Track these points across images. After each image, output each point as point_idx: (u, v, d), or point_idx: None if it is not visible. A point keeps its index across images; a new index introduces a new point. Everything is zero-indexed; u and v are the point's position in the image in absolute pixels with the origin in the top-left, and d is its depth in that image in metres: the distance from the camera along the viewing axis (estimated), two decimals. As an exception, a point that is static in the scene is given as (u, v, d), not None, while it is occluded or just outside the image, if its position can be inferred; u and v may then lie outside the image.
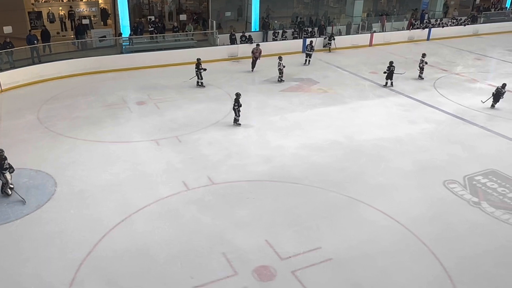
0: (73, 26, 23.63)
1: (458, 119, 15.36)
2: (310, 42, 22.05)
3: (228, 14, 26.31)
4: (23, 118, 14.55)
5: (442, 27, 28.82)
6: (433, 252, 8.67)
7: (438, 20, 29.68)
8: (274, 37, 24.33)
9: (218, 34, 22.98)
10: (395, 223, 9.54)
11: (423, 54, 19.81)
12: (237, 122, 14.30)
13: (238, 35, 23.02)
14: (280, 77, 18.91)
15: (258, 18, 24.89)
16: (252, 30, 24.71)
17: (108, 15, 25.06)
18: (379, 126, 14.61)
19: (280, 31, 24.61)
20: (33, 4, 23.40)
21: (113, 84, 18.26)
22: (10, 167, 10.06)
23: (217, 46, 22.50)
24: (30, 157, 11.81)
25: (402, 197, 10.58)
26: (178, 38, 22.89)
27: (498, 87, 16.26)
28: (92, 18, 24.43)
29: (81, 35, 21.46)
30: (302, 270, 8.09)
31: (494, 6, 33.60)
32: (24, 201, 9.86)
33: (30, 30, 20.27)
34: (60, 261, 8.21)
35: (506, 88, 16.25)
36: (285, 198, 10.41)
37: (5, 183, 10.06)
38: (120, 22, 22.24)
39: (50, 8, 24.03)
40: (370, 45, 26.04)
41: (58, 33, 23.67)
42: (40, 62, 18.98)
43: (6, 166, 9.95)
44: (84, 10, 24.69)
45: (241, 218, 9.59)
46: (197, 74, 17.80)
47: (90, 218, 9.44)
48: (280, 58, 18.81)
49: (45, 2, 24.38)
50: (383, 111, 16.03)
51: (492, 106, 16.25)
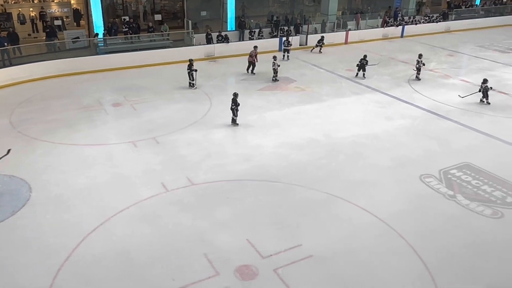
0: (45, 28, 23.12)
1: (433, 115, 15.67)
2: (287, 38, 22.28)
3: (203, 13, 26.18)
4: (-5, 122, 14.19)
5: (415, 25, 29.35)
6: (411, 245, 8.82)
7: (411, 17, 30.21)
8: (250, 36, 24.33)
9: (194, 33, 22.85)
10: (374, 218, 9.67)
11: (420, 55, 19.50)
12: (235, 122, 14.27)
13: (214, 35, 22.93)
14: (274, 76, 18.89)
15: (234, 17, 24.85)
16: (228, 29, 24.66)
17: (81, 16, 24.61)
18: (356, 123, 14.78)
19: (256, 30, 24.63)
20: (2, 5, 22.79)
21: (88, 86, 17.95)
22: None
23: (193, 46, 22.37)
24: (3, 162, 11.48)
25: (381, 192, 10.73)
26: (153, 39, 22.67)
27: (483, 85, 16.38)
28: (64, 19, 23.97)
29: (50, 38, 20.98)
30: (283, 268, 8.12)
31: (464, 3, 34.39)
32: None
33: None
34: (37, 267, 8.03)
35: (487, 83, 16.40)
36: (265, 197, 10.43)
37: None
38: (93, 22, 21.87)
39: (20, 9, 23.42)
40: (346, 43, 26.32)
41: (29, 34, 23.13)
42: (11, 65, 18.50)
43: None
44: (56, 11, 24.17)
45: (221, 218, 9.56)
46: (189, 75, 17.57)
47: (68, 223, 9.26)
48: (274, 57, 18.84)
49: (15, 3, 23.79)
50: (360, 108, 16.22)
51: (488, 103, 16.41)
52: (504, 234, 9.37)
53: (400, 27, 28.54)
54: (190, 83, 17.76)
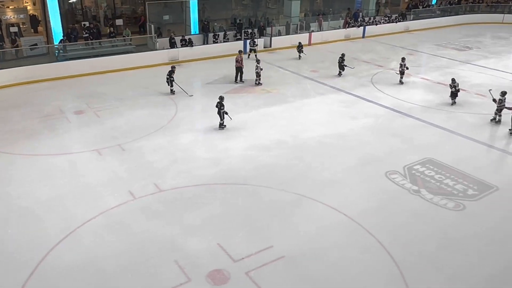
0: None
1: (396, 113, 16.08)
2: (252, 39, 23.01)
3: (166, 17, 25.92)
4: (-51, 134, 13.56)
5: (376, 25, 30.07)
6: (380, 241, 9.01)
7: (372, 18, 30.92)
8: (214, 39, 24.27)
9: (157, 38, 22.58)
10: (343, 217, 9.82)
11: (403, 58, 19.40)
12: (221, 126, 14.19)
13: (178, 39, 22.74)
14: (257, 79, 18.83)
15: (198, 20, 24.73)
16: (192, 33, 24.51)
17: (38, 22, 23.88)
18: (322, 123, 14.98)
19: (220, 33, 24.59)
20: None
21: (48, 94, 17.42)
22: None
23: (157, 50, 22.11)
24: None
25: (348, 190, 10.92)
26: (115, 44, 22.25)
27: (452, 85, 16.65)
28: (21, 26, 23.17)
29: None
30: (255, 271, 8.12)
31: (421, 3, 35.49)
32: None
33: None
34: (2, 283, 7.70)
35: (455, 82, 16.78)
36: (234, 200, 10.42)
37: None
38: (52, 29, 21.26)
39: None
40: (309, 44, 26.64)
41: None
42: (-37, 74, 17.77)
43: None
44: (11, 17, 23.34)
45: (191, 224, 9.47)
46: (167, 81, 17.19)
47: (31, 236, 8.94)
48: (258, 61, 18.80)
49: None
50: (325, 108, 16.46)
51: (453, 103, 16.74)
52: (466, 226, 9.71)
53: (361, 28, 29.16)
54: (171, 90, 17.37)
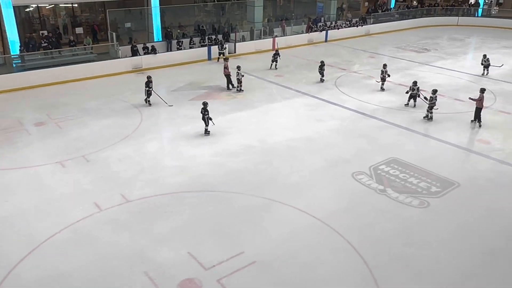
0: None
1: (360, 114, 16.40)
2: (220, 42, 23.45)
3: (128, 25, 25.54)
4: None
5: (338, 29, 30.64)
6: (349, 241, 9.14)
7: (333, 22, 31.50)
8: (178, 46, 24.10)
9: (119, 46, 22.21)
10: (313, 219, 9.91)
11: (384, 65, 19.22)
12: (207, 131, 14.16)
13: (140, 46, 22.42)
14: (239, 86, 18.70)
15: (160, 27, 24.49)
16: (155, 40, 24.25)
17: (-7, 32, 23.01)
18: (289, 127, 15.11)
19: (184, 40, 24.43)
20: None
21: (5, 106, 16.80)
22: None
23: (119, 58, 21.73)
24: None
25: (317, 193, 11.03)
26: (76, 53, 21.72)
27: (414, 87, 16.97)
28: (-26, 36, 22.27)
29: None
30: (227, 277, 8.07)
31: (380, 7, 36.47)
32: None
33: None
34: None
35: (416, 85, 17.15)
36: (203, 208, 10.33)
37: None
38: (7, 38, 20.53)
39: None
40: (274, 49, 26.82)
41: None
42: None
43: None
44: (-36, 27, 22.41)
45: (160, 233, 9.32)
46: (146, 92, 16.70)
47: (-9, 255, 8.57)
48: (238, 67, 18.65)
49: None
50: (291, 112, 16.61)
51: (414, 106, 17.06)
52: (431, 222, 9.99)
53: (323, 32, 29.65)
54: (146, 100, 16.87)
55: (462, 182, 11.59)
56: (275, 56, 22.49)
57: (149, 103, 16.82)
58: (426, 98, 15.51)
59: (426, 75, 21.74)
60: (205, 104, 14.13)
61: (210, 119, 14.12)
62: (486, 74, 21.66)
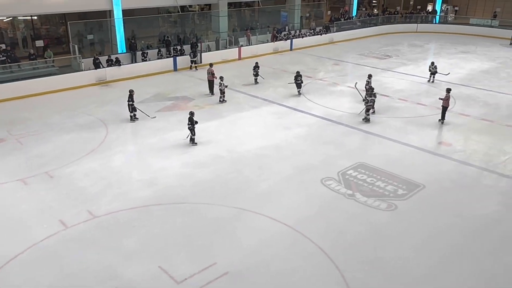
0: None
1: (327, 121, 16.64)
2: (193, 51, 23.81)
3: (90, 37, 25.07)
4: None
5: (302, 38, 31.08)
6: (320, 247, 9.21)
7: (297, 31, 31.95)
8: (143, 57, 23.82)
9: (82, 58, 21.74)
10: (284, 226, 9.93)
11: (369, 75, 19.07)
12: (193, 141, 14.12)
13: (104, 58, 22.02)
14: (221, 97, 18.57)
15: (124, 39, 24.16)
16: (118, 52, 23.89)
17: None
18: (257, 135, 15.15)
19: (149, 51, 24.18)
20: None
21: (-38, 123, 16.13)
22: None
23: (82, 71, 21.26)
24: None
25: (287, 200, 11.07)
26: (36, 66, 21.12)
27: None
28: None
29: None
30: (200, 290, 7.97)
31: (343, 16, 37.28)
32: None
33: None
34: None
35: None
36: (173, 220, 10.18)
37: None
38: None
39: None
40: (239, 58, 26.97)
41: None
42: None
43: None
44: None
45: (129, 248, 9.12)
46: (129, 107, 16.17)
47: (-51, 280, 8.15)
48: (221, 78, 18.50)
49: None
50: (259, 121, 16.67)
51: (373, 113, 17.23)
52: (399, 224, 10.21)
53: (288, 41, 30.01)
54: (131, 117, 16.33)
55: (427, 184, 11.90)
56: (255, 69, 21.64)
57: (135, 117, 16.37)
58: (364, 100, 16.31)
59: (389, 81, 22.31)
60: (191, 113, 14.15)
61: (191, 131, 14.11)
62: (432, 81, 21.87)
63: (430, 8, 40.81)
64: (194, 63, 24.35)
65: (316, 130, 15.76)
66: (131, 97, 16.17)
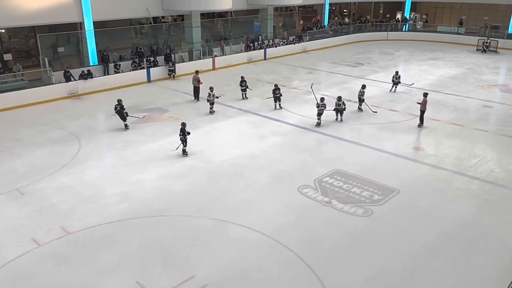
0: None
1: (302, 129, 16.77)
2: (171, 60, 24.17)
3: (61, 49, 24.65)
4: None
5: (275, 47, 31.35)
6: (299, 255, 9.22)
7: (271, 41, 32.23)
8: (116, 69, 23.54)
9: (53, 71, 21.33)
10: (262, 236, 9.91)
11: (363, 85, 19.05)
12: (184, 152, 13.99)
13: (75, 71, 21.65)
14: (211, 107, 18.48)
15: (96, 51, 23.85)
16: (90, 64, 23.55)
17: None
18: (234, 145, 15.13)
19: (121, 63, 23.94)
20: None
21: None
22: None
23: (53, 84, 20.85)
24: None
25: (264, 209, 11.07)
26: (4, 80, 20.60)
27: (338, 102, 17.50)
28: None
29: None
30: (178, 304, 7.86)
31: (315, 25, 37.83)
32: None
33: None
34: None
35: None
36: (150, 233, 10.03)
37: None
38: None
39: None
40: (213, 69, 26.98)
41: None
42: None
43: None
44: None
45: (106, 264, 8.92)
46: (121, 116, 16.39)
47: None
48: (211, 88, 18.41)
49: None
50: (235, 131, 16.67)
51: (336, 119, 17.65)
52: (375, 229, 10.33)
53: (262, 50, 30.22)
54: (126, 125, 16.61)
55: (402, 189, 12.11)
56: (242, 83, 20.76)
57: (126, 127, 16.58)
58: (317, 105, 16.80)
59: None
60: (183, 124, 14.09)
61: (182, 142, 14.06)
62: (394, 91, 21.76)
63: (399, 16, 41.86)
64: (172, 72, 24.50)
65: (291, 139, 15.86)
66: (118, 105, 16.34)
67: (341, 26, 39.28)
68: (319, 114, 16.77)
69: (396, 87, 21.92)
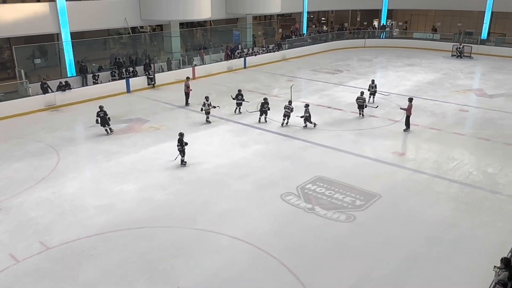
0: None
1: (283, 136, 16.83)
2: (151, 68, 24.35)
3: (38, 61, 24.26)
4: None
5: (255, 56, 31.50)
6: (283, 263, 9.21)
7: (250, 49, 32.38)
8: (94, 80, 23.28)
9: (30, 83, 20.95)
10: (246, 244, 9.87)
11: (362, 92, 19.15)
12: (182, 162, 13.85)
13: (53, 83, 21.29)
14: (207, 117, 18.40)
15: (73, 62, 23.55)
16: (68, 75, 23.23)
17: None
18: (216, 154, 15.08)
19: (100, 74, 23.69)
20: None
21: None
22: None
23: (30, 96, 20.47)
24: None
25: (248, 218, 11.04)
26: (-21, 93, 20.17)
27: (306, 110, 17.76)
28: None
29: None
30: (163, 317, 7.74)
31: (294, 33, 38.17)
32: None
33: None
34: None
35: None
36: (133, 246, 9.88)
37: None
38: None
39: None
40: (193, 78, 26.91)
41: None
42: None
43: None
44: None
45: (87, 279, 8.75)
46: (102, 124, 16.79)
47: None
48: (206, 98, 18.31)
49: None
50: (217, 139, 16.62)
51: (306, 126, 17.77)
52: (358, 235, 10.40)
53: (241, 59, 30.32)
54: (107, 130, 16.97)
55: (383, 193, 12.24)
56: (238, 97, 19.74)
57: (111, 131, 16.96)
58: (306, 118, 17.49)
59: (342, 95, 22.93)
60: (181, 134, 14.00)
61: (180, 152, 13.96)
62: (372, 101, 20.90)
63: (376, 23, 42.58)
64: (152, 81, 24.57)
65: (273, 146, 15.90)
66: (101, 112, 16.67)
67: (319, 34, 39.73)
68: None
69: (373, 97, 21.30)
